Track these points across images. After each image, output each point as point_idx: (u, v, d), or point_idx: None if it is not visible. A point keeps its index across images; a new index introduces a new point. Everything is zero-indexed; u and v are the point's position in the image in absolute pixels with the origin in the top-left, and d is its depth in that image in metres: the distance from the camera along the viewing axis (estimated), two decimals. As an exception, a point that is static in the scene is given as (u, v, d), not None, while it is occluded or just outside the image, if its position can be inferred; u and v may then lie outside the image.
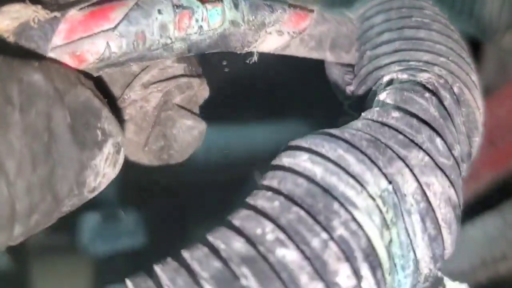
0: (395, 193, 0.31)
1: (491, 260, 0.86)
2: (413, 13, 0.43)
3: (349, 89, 0.43)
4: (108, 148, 0.31)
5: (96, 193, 0.32)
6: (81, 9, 0.33)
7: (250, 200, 0.31)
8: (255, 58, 0.39)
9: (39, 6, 0.32)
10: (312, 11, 0.41)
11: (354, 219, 0.29)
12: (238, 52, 0.38)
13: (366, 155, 0.31)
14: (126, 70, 0.36)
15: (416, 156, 0.32)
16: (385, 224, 0.30)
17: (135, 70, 0.37)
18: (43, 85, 0.29)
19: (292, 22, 0.39)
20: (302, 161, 0.31)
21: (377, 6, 0.45)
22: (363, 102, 0.41)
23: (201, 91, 0.39)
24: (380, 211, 0.30)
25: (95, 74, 0.34)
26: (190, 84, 0.38)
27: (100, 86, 0.36)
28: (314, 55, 0.43)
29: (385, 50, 0.41)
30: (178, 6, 0.34)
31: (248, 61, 0.39)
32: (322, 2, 0.47)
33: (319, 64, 0.47)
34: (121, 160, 0.32)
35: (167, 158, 0.38)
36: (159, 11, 0.33)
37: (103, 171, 0.31)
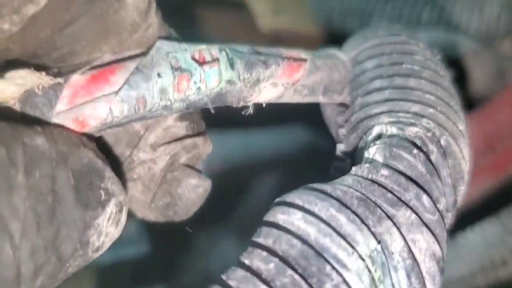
0: (383, 252, 0.33)
1: (491, 265, 0.88)
2: (404, 59, 0.44)
3: (341, 132, 0.45)
4: (111, 207, 0.33)
5: (100, 252, 0.33)
6: (82, 73, 0.34)
7: (245, 259, 0.32)
8: (250, 110, 0.41)
9: (43, 73, 0.33)
10: (305, 60, 0.42)
11: (345, 281, 0.31)
12: (234, 106, 0.40)
13: (356, 214, 0.33)
14: (129, 129, 0.37)
15: (403, 215, 0.34)
16: (373, 283, 0.32)
17: (138, 129, 0.38)
18: (47, 148, 0.30)
19: (286, 75, 0.41)
20: (296, 219, 0.33)
21: (369, 50, 0.46)
22: (354, 149, 0.42)
23: (205, 148, 0.41)
24: (369, 271, 0.32)
25: (97, 135, 0.35)
26: (195, 144, 0.40)
27: (105, 145, 0.38)
28: (308, 100, 0.44)
29: (376, 98, 0.42)
30: (177, 69, 0.35)
31: (244, 113, 0.41)
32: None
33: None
34: (123, 219, 0.34)
35: (172, 215, 0.40)
36: (159, 75, 0.35)
37: (106, 230, 0.33)
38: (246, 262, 0.32)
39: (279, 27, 1.36)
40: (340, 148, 0.44)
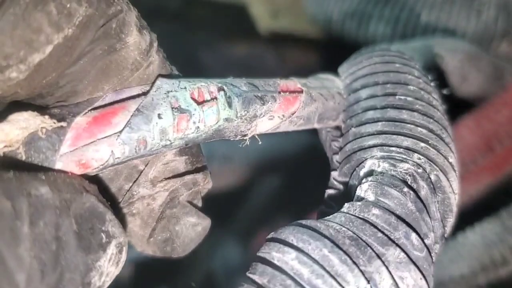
0: (372, 291, 0.34)
1: (491, 264, 0.89)
2: (397, 89, 0.45)
3: (336, 159, 0.46)
4: (111, 249, 0.34)
5: None
6: (84, 114, 0.35)
7: (242, 296, 0.34)
8: (247, 142, 0.42)
9: (47, 116, 0.34)
10: (301, 92, 0.43)
11: (335, 321, 0.33)
12: (231, 140, 0.41)
13: (348, 254, 0.35)
14: (129, 163, 0.38)
15: (392, 254, 0.36)
16: (363, 322, 0.34)
17: (137, 163, 0.39)
18: (50, 197, 0.31)
19: (282, 109, 0.42)
20: (290, 259, 0.35)
21: (363, 78, 0.47)
22: (347, 179, 0.44)
23: (205, 184, 0.42)
24: (359, 310, 0.34)
25: (96, 173, 0.36)
26: (195, 181, 0.41)
27: (104, 178, 0.39)
28: (303, 128, 0.45)
29: (369, 129, 0.43)
30: (176, 109, 0.36)
31: (241, 145, 0.42)
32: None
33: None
34: (123, 259, 0.35)
35: (170, 251, 0.41)
36: (159, 116, 0.36)
37: (107, 270, 0.34)
38: (242, 300, 0.34)
39: (278, 29, 1.37)
40: (334, 176, 0.45)
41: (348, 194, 0.43)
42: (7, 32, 0.30)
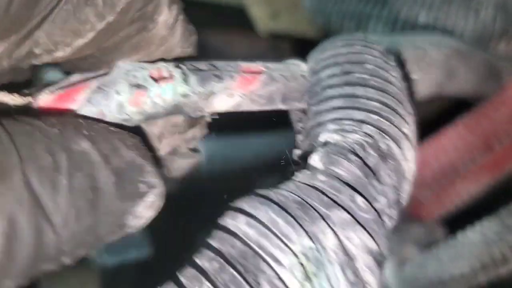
0: (317, 249, 0.36)
1: (491, 263, 0.89)
2: (355, 69, 0.47)
3: (299, 138, 0.48)
4: (150, 197, 0.37)
5: (136, 229, 0.38)
6: (52, 92, 0.39)
7: (197, 258, 0.37)
8: (207, 118, 0.45)
9: (15, 94, 0.38)
10: (260, 72, 0.46)
11: (278, 275, 0.35)
12: (191, 116, 0.44)
13: (293, 217, 0.37)
14: None
15: (337, 215, 0.38)
16: (307, 277, 0.36)
17: None
18: (90, 152, 0.34)
19: (240, 87, 0.44)
20: (241, 223, 0.37)
21: (324, 60, 0.50)
22: (307, 154, 0.46)
23: (202, 134, 0.48)
24: (302, 266, 0.36)
25: None
26: (195, 137, 0.47)
27: None
28: (267, 107, 0.48)
29: (326, 107, 0.45)
30: (134, 85, 0.39)
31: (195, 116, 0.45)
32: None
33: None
34: (160, 204, 0.38)
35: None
36: (117, 92, 0.39)
37: (143, 215, 0.37)
38: (197, 261, 0.36)
39: (278, 30, 1.39)
40: (296, 153, 0.48)
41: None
42: (58, 25, 0.34)
